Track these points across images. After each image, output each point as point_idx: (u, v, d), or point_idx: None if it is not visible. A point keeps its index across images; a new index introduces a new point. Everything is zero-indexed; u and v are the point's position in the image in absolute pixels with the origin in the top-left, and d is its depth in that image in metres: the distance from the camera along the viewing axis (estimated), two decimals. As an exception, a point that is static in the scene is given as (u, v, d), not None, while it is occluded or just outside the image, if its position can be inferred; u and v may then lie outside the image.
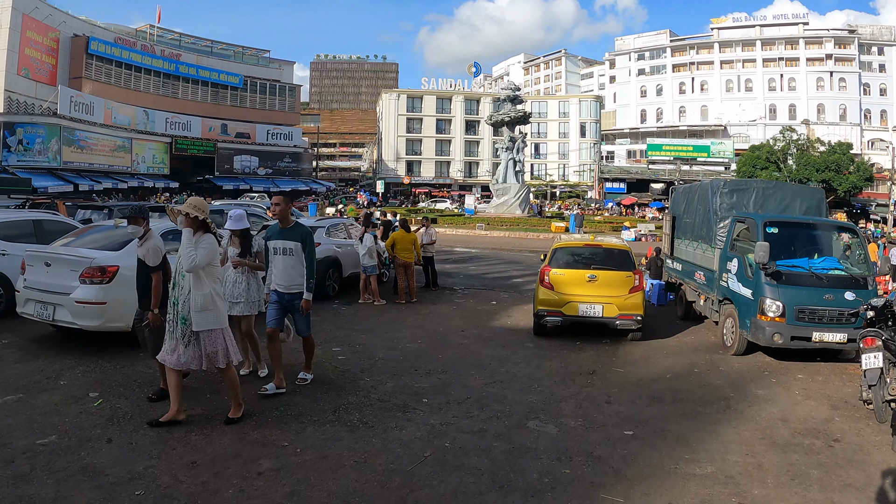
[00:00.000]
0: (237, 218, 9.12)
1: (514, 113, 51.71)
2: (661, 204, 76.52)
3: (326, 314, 14.06)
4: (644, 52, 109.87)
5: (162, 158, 72.56)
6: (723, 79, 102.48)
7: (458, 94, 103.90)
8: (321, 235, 16.37)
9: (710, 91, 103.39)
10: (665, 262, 17.29)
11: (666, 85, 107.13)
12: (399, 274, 16.55)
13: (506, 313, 14.89)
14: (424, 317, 14.16)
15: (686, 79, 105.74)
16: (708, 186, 13.97)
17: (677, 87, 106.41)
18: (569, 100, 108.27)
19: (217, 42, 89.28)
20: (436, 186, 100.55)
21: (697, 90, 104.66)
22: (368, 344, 11.25)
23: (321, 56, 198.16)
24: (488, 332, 12.74)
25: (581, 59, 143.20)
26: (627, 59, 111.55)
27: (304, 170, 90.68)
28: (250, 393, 8.01)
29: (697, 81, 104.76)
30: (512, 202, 50.17)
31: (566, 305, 11.84)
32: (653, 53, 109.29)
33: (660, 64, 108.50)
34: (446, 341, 11.69)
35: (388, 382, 8.85)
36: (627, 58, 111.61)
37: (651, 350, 11.59)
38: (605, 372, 9.84)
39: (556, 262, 12.54)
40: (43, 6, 61.55)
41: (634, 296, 11.92)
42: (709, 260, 13.16)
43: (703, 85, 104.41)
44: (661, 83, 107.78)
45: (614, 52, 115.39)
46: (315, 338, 11.57)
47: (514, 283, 20.30)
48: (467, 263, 25.50)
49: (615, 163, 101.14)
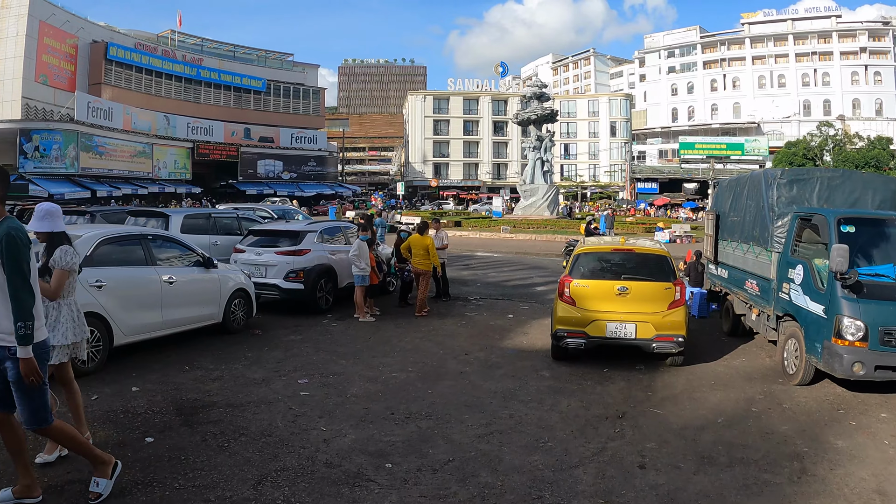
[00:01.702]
0: (42, 215, 6.03)
1: (540, 111, 49.40)
2: (695, 204, 74.08)
3: (311, 333, 12.11)
4: (674, 49, 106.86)
5: (184, 164, 71.37)
6: (755, 75, 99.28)
7: (485, 94, 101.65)
8: (312, 241, 14.41)
9: (743, 88, 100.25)
10: (707, 267, 15.03)
11: (697, 82, 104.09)
12: (419, 283, 14.62)
13: (522, 330, 12.76)
14: (425, 335, 12.09)
15: (717, 76, 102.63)
16: (760, 177, 11.66)
17: (709, 85, 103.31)
18: (598, 99, 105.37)
19: (240, 46, 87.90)
20: (464, 189, 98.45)
21: (729, 87, 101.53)
22: (345, 374, 9.21)
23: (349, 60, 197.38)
24: (497, 355, 10.62)
25: (610, 57, 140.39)
26: (657, 57, 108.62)
27: (329, 174, 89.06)
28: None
29: (729, 78, 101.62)
30: (540, 203, 47.89)
31: (591, 325, 9.69)
32: (683, 50, 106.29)
33: (690, 61, 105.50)
34: (442, 369, 9.60)
35: (348, 434, 6.78)
36: (657, 55, 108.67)
37: (695, 379, 9.38)
38: (639, 415, 7.64)
39: (579, 270, 10.35)
40: (60, 12, 60.56)
41: (675, 312, 9.73)
42: (763, 266, 10.88)
43: (735, 81, 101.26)
44: (692, 80, 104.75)
45: (644, 49, 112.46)
46: (284, 365, 9.66)
47: (537, 291, 18.15)
48: (487, 269, 23.37)
49: (647, 163, 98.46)
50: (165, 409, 7.55)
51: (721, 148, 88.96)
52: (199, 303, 11.13)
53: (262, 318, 13.51)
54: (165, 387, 8.44)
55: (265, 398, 7.98)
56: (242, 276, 12.42)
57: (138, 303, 9.95)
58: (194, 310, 11.02)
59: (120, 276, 9.74)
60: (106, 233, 10.00)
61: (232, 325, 11.83)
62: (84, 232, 9.83)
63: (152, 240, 10.68)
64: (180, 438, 6.62)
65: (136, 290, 9.98)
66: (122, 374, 8.93)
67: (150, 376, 8.90)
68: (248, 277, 12.63)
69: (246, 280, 12.43)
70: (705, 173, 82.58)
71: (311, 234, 14.52)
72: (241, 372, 9.25)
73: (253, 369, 9.42)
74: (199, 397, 8.02)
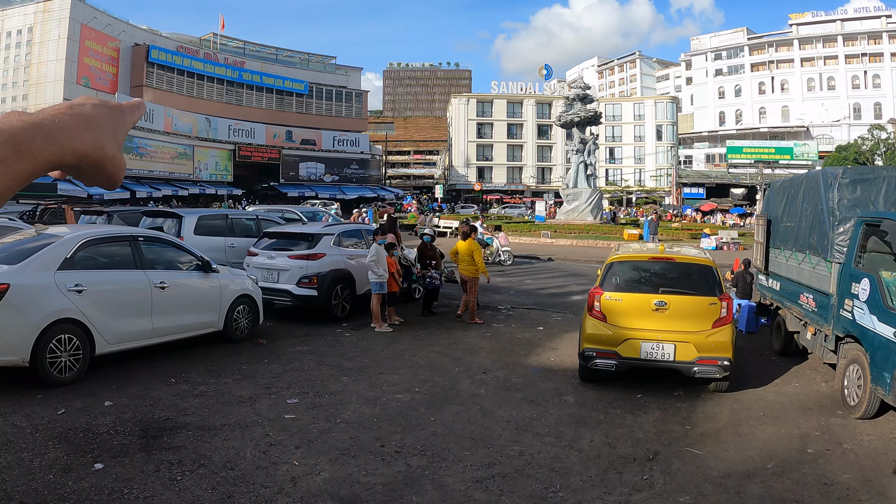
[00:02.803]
0: None
1: (584, 113, 47.94)
2: (743, 210, 71.91)
3: (319, 343, 11.16)
4: (721, 51, 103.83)
5: (225, 166, 71.53)
6: (804, 77, 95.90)
7: (528, 97, 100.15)
8: (328, 244, 13.46)
9: (791, 90, 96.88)
10: (756, 277, 13.71)
11: (745, 85, 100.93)
12: (466, 291, 13.79)
13: (551, 344, 11.64)
14: (444, 348, 11.04)
15: (765, 78, 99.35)
16: (819, 177, 10.33)
17: (756, 87, 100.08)
18: (644, 102, 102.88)
19: (282, 49, 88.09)
20: (507, 193, 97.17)
21: (777, 90, 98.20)
22: (343, 393, 8.22)
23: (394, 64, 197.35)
24: (518, 374, 9.52)
25: (656, 60, 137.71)
26: (704, 60, 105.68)
27: (371, 176, 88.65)
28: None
29: (777, 81, 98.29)
30: (583, 208, 46.43)
31: (623, 344, 8.53)
32: (730, 53, 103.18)
33: (737, 63, 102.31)
34: (453, 391, 8.53)
35: (322, 471, 5.77)
36: (704, 58, 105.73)
37: (741, 409, 8.14)
38: (673, 456, 6.46)
39: (612, 282, 9.18)
40: (101, 16, 61.33)
41: (720, 332, 8.49)
42: (821, 278, 9.58)
43: (784, 84, 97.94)
44: (739, 83, 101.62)
45: (690, 52, 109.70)
46: (278, 381, 8.71)
47: (572, 301, 16.96)
48: (522, 276, 22.21)
49: (693, 167, 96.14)
50: (131, 429, 6.70)
51: (769, 152, 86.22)
52: (195, 309, 10.27)
53: (272, 325, 12.66)
54: (141, 402, 7.61)
55: (243, 420, 7.03)
56: (248, 281, 11.54)
57: (124, 309, 9.13)
58: (190, 317, 10.16)
59: (103, 280, 8.93)
60: (90, 234, 9.20)
61: (234, 333, 10.95)
62: (66, 233, 9.03)
63: (144, 241, 9.86)
64: (132, 467, 5.77)
65: (121, 295, 9.17)
66: (101, 385, 8.15)
67: (130, 389, 8.08)
68: (254, 283, 11.75)
69: (252, 286, 11.54)
70: (753, 178, 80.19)
71: (327, 238, 13.57)
72: (229, 388, 8.34)
73: (243, 385, 8.50)
74: (172, 416, 7.14)
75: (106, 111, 0.98)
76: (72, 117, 0.92)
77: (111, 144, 0.97)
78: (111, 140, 0.97)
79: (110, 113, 0.99)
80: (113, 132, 0.98)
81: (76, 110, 0.94)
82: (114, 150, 0.97)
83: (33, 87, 59.11)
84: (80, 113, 0.94)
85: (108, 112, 0.98)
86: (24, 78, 60.20)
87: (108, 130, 0.97)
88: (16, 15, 61.17)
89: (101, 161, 0.96)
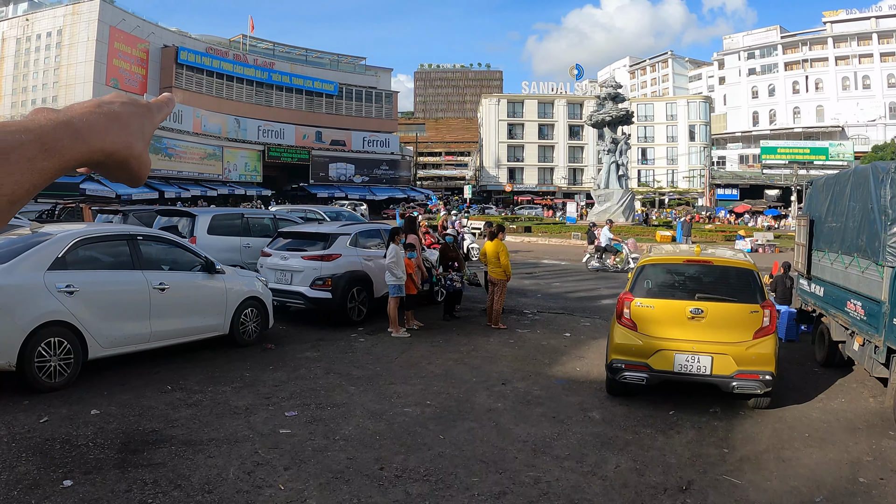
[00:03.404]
0: None
1: (615, 112, 46.97)
2: (777, 211, 70.32)
3: (330, 349, 10.57)
4: (754, 50, 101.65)
5: (255, 166, 71.58)
6: (838, 76, 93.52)
7: (560, 97, 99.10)
8: (344, 245, 12.86)
9: (826, 90, 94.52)
10: (798, 282, 12.86)
11: (778, 84, 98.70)
12: (493, 294, 13.10)
13: (577, 353, 10.92)
14: (462, 356, 10.38)
15: (799, 77, 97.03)
16: (868, 172, 9.45)
17: (790, 87, 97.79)
18: (676, 101, 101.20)
19: (312, 50, 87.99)
20: (538, 194, 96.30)
21: (812, 89, 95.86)
22: (347, 405, 7.59)
23: (424, 65, 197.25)
24: (540, 386, 8.81)
25: (688, 60, 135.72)
26: (737, 59, 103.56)
27: (401, 177, 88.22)
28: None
29: (811, 80, 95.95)
30: (615, 209, 45.41)
31: (655, 355, 7.77)
32: (763, 51, 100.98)
33: (771, 62, 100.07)
34: (467, 404, 7.85)
35: (310, 497, 5.14)
36: (737, 57, 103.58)
37: (784, 429, 7.35)
38: (709, 486, 5.71)
39: (643, 287, 8.42)
40: (130, 18, 61.88)
41: (762, 343, 7.69)
42: (871, 283, 8.73)
43: (818, 83, 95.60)
44: (772, 83, 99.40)
45: (722, 51, 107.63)
46: (280, 390, 8.10)
47: (602, 305, 16.19)
48: (551, 279, 21.44)
49: (726, 168, 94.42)
50: (112, 441, 6.18)
51: (804, 153, 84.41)
52: (198, 312, 9.74)
53: (284, 329, 12.14)
54: (130, 411, 7.10)
55: (234, 435, 6.44)
56: (256, 282, 10.98)
57: (120, 311, 8.63)
58: (192, 320, 9.63)
59: (97, 281, 8.43)
60: (84, 232, 8.68)
61: (241, 337, 10.40)
62: (59, 232, 8.53)
63: (143, 240, 9.33)
64: (103, 485, 5.26)
65: (116, 296, 8.66)
66: (92, 391, 7.67)
67: (121, 396, 7.58)
68: (264, 284, 11.19)
69: (261, 288, 10.98)
70: (788, 179, 78.49)
71: (344, 238, 12.97)
72: (226, 397, 7.77)
73: (242, 394, 7.92)
74: (159, 428, 6.59)
75: (134, 109, 0.97)
76: (100, 115, 0.91)
77: (138, 143, 0.96)
78: (139, 139, 0.96)
79: (139, 111, 0.98)
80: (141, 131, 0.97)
81: (105, 108, 0.93)
82: (140, 149, 0.96)
83: (63, 88, 59.74)
84: (108, 111, 0.93)
85: (137, 110, 0.98)
86: (54, 80, 60.94)
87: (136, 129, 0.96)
88: (45, 17, 62.00)
89: (128, 159, 0.95)
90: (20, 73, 62.86)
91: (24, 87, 62.63)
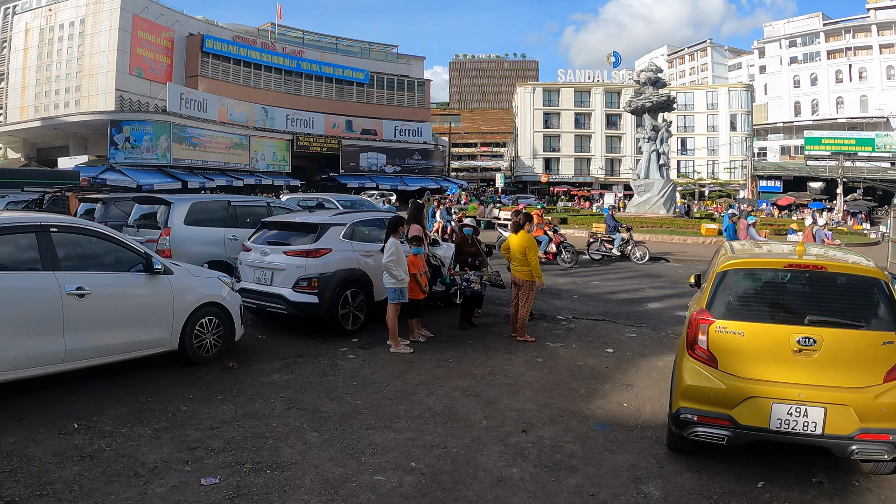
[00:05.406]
0: None
1: (656, 97, 43.98)
2: (822, 204, 66.92)
3: (307, 370, 8.38)
4: (795, 38, 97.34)
5: (283, 156, 69.88)
6: (883, 65, 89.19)
7: (596, 86, 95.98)
8: (336, 237, 10.59)
9: (870, 79, 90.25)
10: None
11: (821, 73, 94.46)
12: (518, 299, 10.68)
13: (623, 378, 8.51)
14: (475, 382, 8.05)
15: (843, 66, 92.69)
16: None
17: (833, 76, 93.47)
18: (717, 90, 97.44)
19: (342, 39, 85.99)
20: (575, 185, 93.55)
21: (855, 78, 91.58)
22: (295, 467, 5.31)
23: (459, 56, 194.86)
24: (575, 434, 6.42)
25: (728, 49, 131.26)
26: (778, 47, 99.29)
27: (434, 167, 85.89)
28: None
29: (855, 69, 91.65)
30: (655, 200, 42.60)
31: (743, 404, 5.30)
32: (805, 39, 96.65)
33: (813, 51, 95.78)
34: (469, 469, 5.50)
35: None
36: (778, 45, 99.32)
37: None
38: None
39: (726, 302, 5.82)
40: (154, 6, 61.02)
41: (895, 387, 5.24)
42: None
43: (862, 72, 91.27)
44: (815, 72, 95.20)
45: (763, 39, 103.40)
46: (214, 437, 5.78)
47: (649, 310, 13.73)
48: (588, 277, 18.94)
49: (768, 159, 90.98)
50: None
51: (850, 143, 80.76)
52: (132, 324, 7.54)
53: (264, 338, 10.04)
54: (4, 464, 5.14)
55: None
56: (219, 283, 8.75)
57: (22, 324, 6.54)
58: (125, 333, 7.45)
59: (-14, 286, 6.27)
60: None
61: (196, 353, 8.24)
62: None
63: (59, 233, 7.13)
64: None
65: (16, 305, 6.52)
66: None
67: (7, 438, 5.55)
68: (230, 286, 8.96)
69: (226, 291, 8.75)
70: (833, 171, 74.95)
71: (336, 229, 10.67)
72: (138, 446, 5.62)
73: (161, 440, 5.76)
74: (18, 499, 4.42)
75: None
76: None
77: None
78: None
79: None
80: None
81: None
82: None
83: (86, 77, 59.03)
84: None
85: None
86: (77, 69, 60.23)
87: None
88: (68, 7, 61.33)
89: None
90: (43, 64, 62.38)
91: (48, 78, 62.12)
